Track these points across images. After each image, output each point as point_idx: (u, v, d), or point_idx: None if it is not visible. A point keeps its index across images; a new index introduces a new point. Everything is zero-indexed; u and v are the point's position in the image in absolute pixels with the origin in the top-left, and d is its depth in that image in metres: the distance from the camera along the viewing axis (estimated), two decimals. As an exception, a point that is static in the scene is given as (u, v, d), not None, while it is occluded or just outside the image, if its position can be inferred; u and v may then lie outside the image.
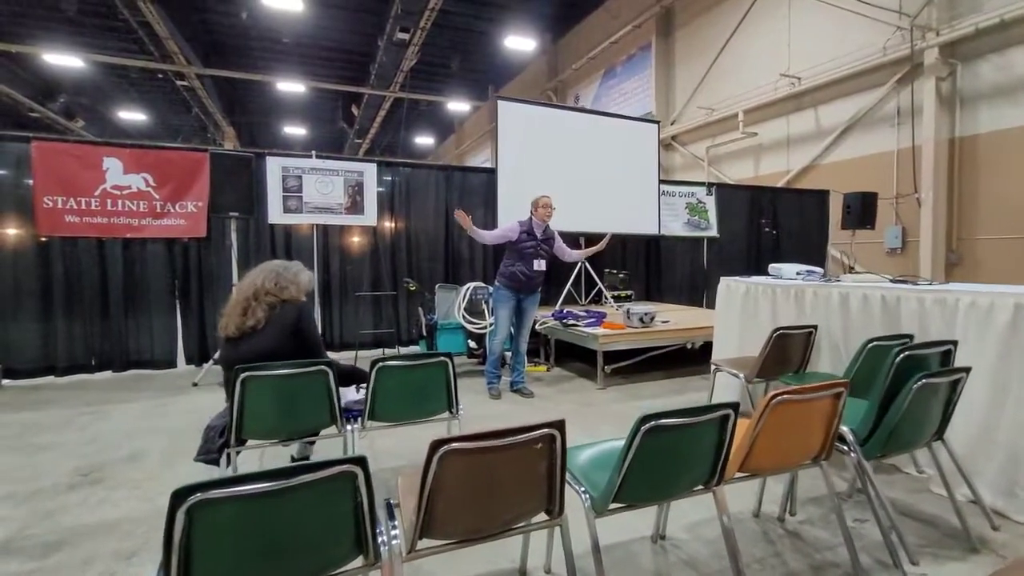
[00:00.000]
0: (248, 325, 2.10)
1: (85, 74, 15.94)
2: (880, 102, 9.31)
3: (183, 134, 21.10)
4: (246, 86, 17.50)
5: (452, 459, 1.28)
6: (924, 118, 8.60)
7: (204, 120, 19.13)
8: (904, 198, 8.96)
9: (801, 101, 10.55)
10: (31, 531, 2.21)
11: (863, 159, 9.58)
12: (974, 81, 8.27)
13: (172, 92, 17.24)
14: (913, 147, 8.83)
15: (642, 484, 1.55)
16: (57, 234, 4.64)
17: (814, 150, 10.27)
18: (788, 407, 1.67)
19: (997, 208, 7.99)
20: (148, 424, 3.58)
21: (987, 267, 8.14)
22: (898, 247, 9.17)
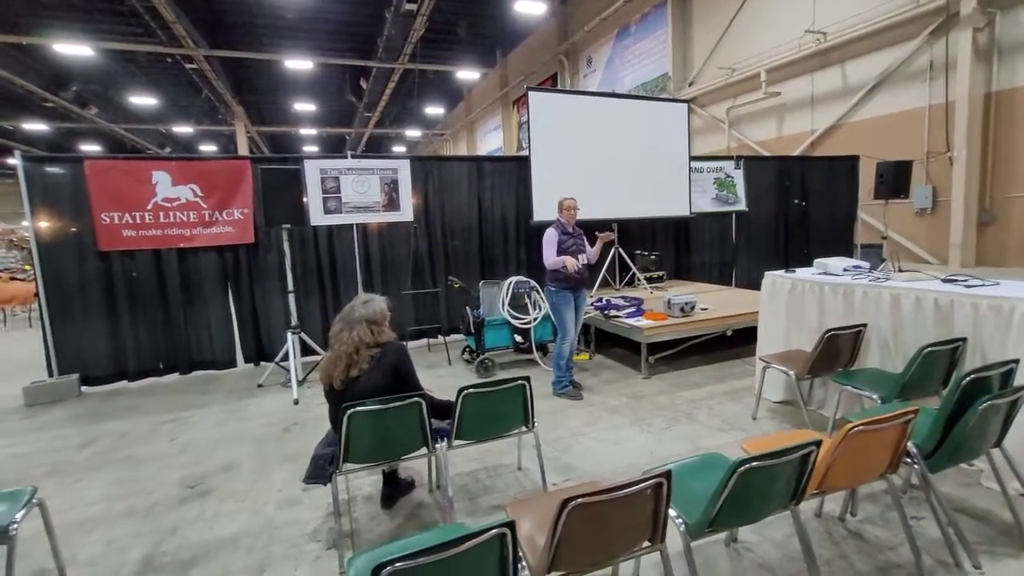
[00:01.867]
0: (353, 375, 2.28)
1: (95, 62, 15.82)
2: (912, 56, 8.95)
3: (194, 115, 21.00)
4: (254, 65, 17.22)
5: (579, 512, 1.45)
6: (959, 72, 8.27)
7: (214, 100, 18.98)
8: (936, 157, 8.74)
9: (827, 58, 10.17)
10: (165, 548, 2.47)
11: (892, 116, 9.29)
12: (1014, 30, 7.90)
13: (181, 75, 17.06)
14: (947, 103, 8.54)
15: (733, 515, 1.72)
16: (116, 248, 4.83)
17: (840, 109, 9.97)
18: (864, 436, 1.81)
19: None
20: (230, 431, 3.84)
21: (1022, 226, 8.02)
22: (928, 207, 9.02)
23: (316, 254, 5.52)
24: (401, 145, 29.47)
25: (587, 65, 16.32)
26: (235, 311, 5.29)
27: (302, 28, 15.23)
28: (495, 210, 6.15)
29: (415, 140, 28.68)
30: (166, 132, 23.02)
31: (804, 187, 7.97)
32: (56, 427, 4.06)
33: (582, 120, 6.09)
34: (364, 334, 2.31)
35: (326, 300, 5.60)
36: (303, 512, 2.72)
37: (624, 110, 6.49)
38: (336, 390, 2.31)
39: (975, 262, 8.56)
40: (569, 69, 16.83)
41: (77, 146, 23.41)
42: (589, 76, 16.33)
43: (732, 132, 12.24)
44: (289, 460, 3.31)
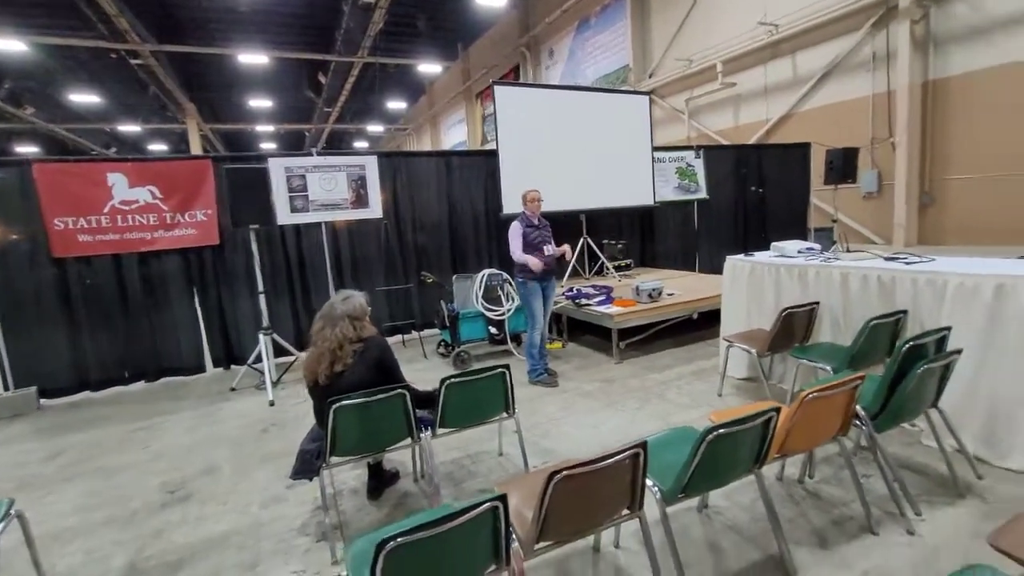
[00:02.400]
0: (337, 370, 2.32)
1: (30, 57, 14.91)
2: (856, 47, 9.44)
3: (141, 114, 20.07)
4: (205, 60, 16.60)
5: (565, 484, 1.56)
6: (898, 62, 8.77)
7: (163, 98, 18.22)
8: (880, 143, 9.27)
9: (779, 49, 10.60)
10: (149, 552, 2.47)
11: (840, 105, 9.79)
12: (947, 22, 8.42)
13: (126, 71, 16.27)
14: (888, 91, 9.05)
15: (703, 480, 1.87)
16: (72, 254, 4.66)
17: (792, 98, 10.43)
18: (818, 401, 1.99)
19: (967, 148, 8.36)
20: (204, 435, 3.80)
21: (958, 206, 8.61)
22: (874, 191, 9.56)
23: (284, 254, 5.45)
24: (363, 140, 28.94)
25: (549, 57, 16.44)
26: (202, 315, 5.18)
27: (255, 21, 14.77)
28: (465, 204, 6.21)
29: (377, 135, 28.23)
30: (111, 131, 21.91)
31: (760, 174, 8.33)
32: (18, 442, 3.92)
33: (548, 113, 6.20)
34: (347, 330, 2.36)
35: (296, 300, 5.54)
36: (289, 509, 2.75)
37: (588, 103, 6.63)
38: (321, 385, 2.36)
39: (917, 241, 9.15)
40: (531, 61, 16.91)
41: (12, 148, 22.03)
42: (551, 68, 16.46)
43: (692, 122, 12.61)
44: (270, 460, 3.32)
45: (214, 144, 24.67)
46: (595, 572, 2.13)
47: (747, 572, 2.05)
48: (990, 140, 8.16)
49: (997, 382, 2.56)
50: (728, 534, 2.28)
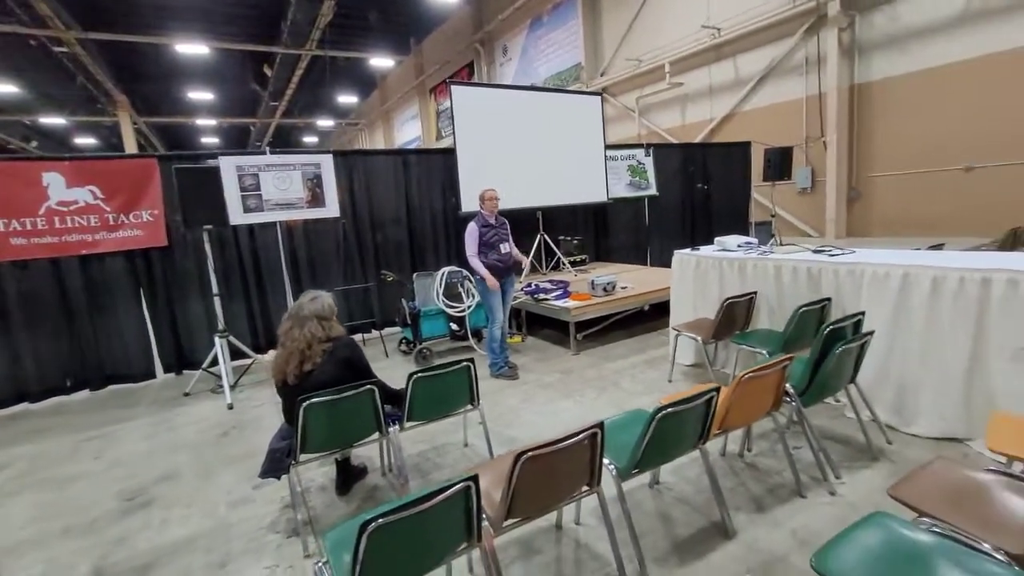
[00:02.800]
0: (307, 369, 2.39)
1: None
2: (791, 52, 10.09)
3: (67, 106, 18.73)
4: (139, 50, 15.67)
5: (531, 463, 1.72)
6: (828, 66, 9.45)
7: (91, 89, 17.08)
8: (813, 142, 9.97)
9: (721, 51, 11.17)
10: (114, 559, 2.45)
11: (777, 106, 10.45)
12: (869, 31, 9.15)
13: (48, 60, 15.14)
14: (820, 94, 9.74)
15: (654, 455, 2.08)
16: (5, 258, 4.41)
17: (734, 99, 11.04)
18: (753, 381, 2.24)
19: (888, 148, 9.14)
20: (160, 442, 3.73)
21: (881, 200, 9.40)
22: (808, 187, 10.28)
23: (238, 254, 5.35)
24: (312, 135, 28.12)
25: (503, 54, 16.55)
26: (150, 319, 5.02)
27: (193, 8, 14.06)
28: (423, 202, 6.26)
29: (327, 130, 27.49)
30: (32, 124, 20.33)
31: (706, 172, 8.78)
32: (-49, 458, 3.71)
33: (504, 113, 6.34)
34: (315, 329, 2.43)
35: (252, 302, 5.45)
36: (257, 509, 2.78)
37: (544, 102, 6.82)
38: (290, 385, 2.41)
39: (846, 233, 9.93)
40: (485, 58, 16.97)
41: (-87, 141, 20.06)
42: (505, 65, 16.58)
43: (642, 120, 13.08)
44: (233, 463, 3.31)
45: (149, 139, 23.33)
46: (558, 547, 2.31)
47: (694, 537, 2.29)
48: (906, 140, 8.96)
49: (904, 359, 2.93)
50: (677, 505, 2.52)
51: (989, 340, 2.62)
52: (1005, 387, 2.57)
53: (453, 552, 1.73)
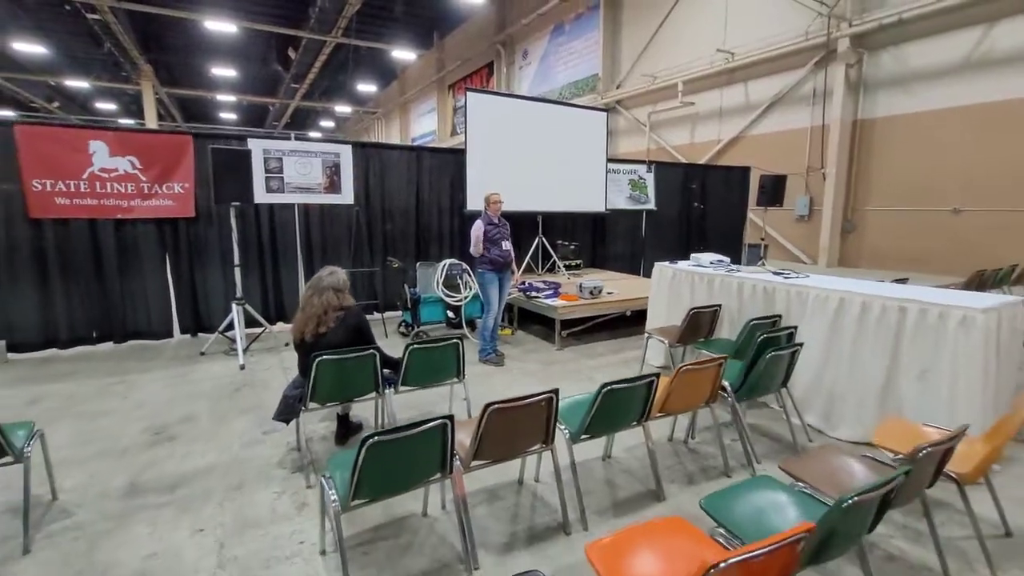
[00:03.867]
0: (321, 331, 2.90)
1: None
2: (800, 82, 10.59)
3: (92, 70, 19.33)
4: (167, 21, 16.19)
5: (496, 415, 2.21)
6: (834, 100, 9.95)
7: (117, 55, 17.65)
8: (814, 171, 10.45)
9: (734, 76, 11.67)
10: (145, 477, 2.96)
11: (783, 134, 10.95)
12: (876, 70, 9.64)
13: (79, 24, 15.70)
14: (823, 126, 10.22)
15: (600, 424, 2.58)
16: (48, 216, 4.94)
17: (742, 122, 11.53)
18: (691, 373, 2.73)
19: (884, 183, 9.62)
20: (180, 391, 4.24)
21: (873, 233, 9.88)
22: (805, 215, 10.77)
23: (257, 231, 5.87)
24: (330, 120, 28.71)
25: (523, 57, 17.06)
26: (173, 283, 5.55)
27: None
28: (432, 197, 6.78)
29: (344, 116, 28.07)
30: (55, 85, 20.95)
31: (704, 192, 9.27)
32: (-7, 389, 4.23)
33: (515, 120, 6.85)
34: (331, 299, 2.94)
35: (266, 275, 5.97)
36: (266, 450, 3.29)
37: (553, 114, 7.33)
38: (307, 343, 2.92)
39: (838, 263, 10.40)
40: (505, 59, 17.49)
41: (-61, 92, 20.68)
42: (525, 68, 17.09)
43: (652, 135, 13.57)
44: (245, 413, 3.83)
45: (169, 109, 23.95)
46: (518, 497, 2.81)
47: (631, 499, 2.78)
48: (901, 178, 9.44)
49: (835, 372, 3.42)
50: (622, 475, 3.02)
51: (901, 360, 3.11)
52: (911, 401, 3.05)
53: (429, 478, 2.23)
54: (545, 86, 16.17)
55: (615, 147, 14.89)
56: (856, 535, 1.76)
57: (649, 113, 13.48)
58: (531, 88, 16.70)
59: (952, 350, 2.87)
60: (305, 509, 2.67)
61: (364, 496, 2.04)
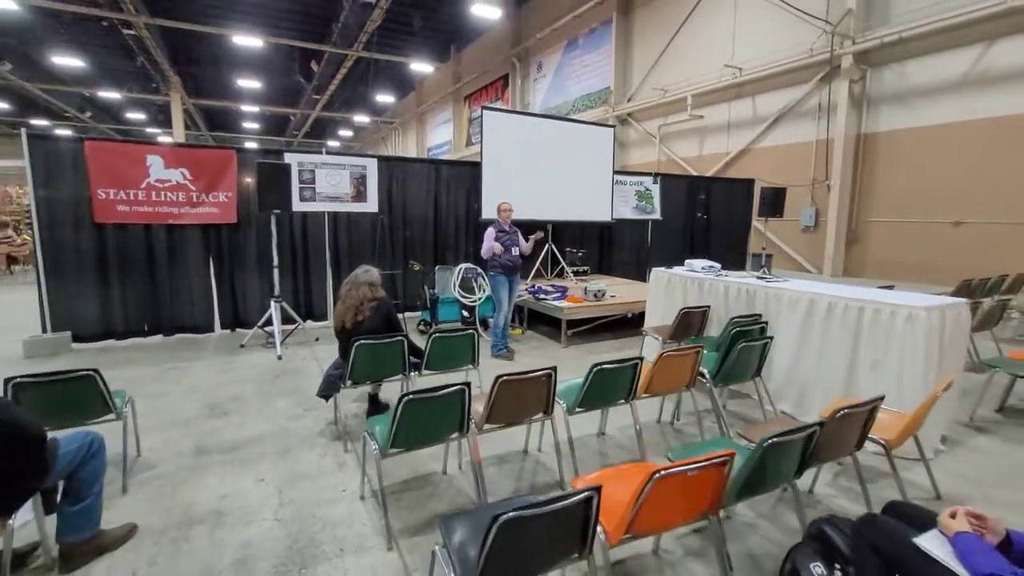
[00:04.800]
0: (358, 320, 3.50)
1: (12, 15, 15.23)
2: (805, 97, 11.06)
3: (125, 82, 20.46)
4: (196, 35, 17.19)
5: (504, 385, 2.78)
6: (837, 115, 10.39)
7: (149, 69, 18.70)
8: (820, 184, 10.87)
9: (741, 90, 12.18)
10: (208, 443, 3.57)
11: (789, 146, 11.41)
12: (879, 86, 10.09)
13: (115, 39, 16.76)
14: (827, 139, 10.65)
15: (593, 398, 3.12)
16: (110, 221, 5.64)
17: (750, 135, 12.02)
18: (671, 359, 3.27)
19: (888, 195, 10.03)
20: (227, 377, 4.87)
21: (877, 244, 10.28)
22: (811, 225, 11.19)
23: (291, 236, 6.53)
24: (348, 129, 29.71)
25: (537, 70, 17.74)
26: (215, 282, 6.22)
27: (253, 2, 15.51)
28: (449, 206, 7.41)
29: (362, 126, 29.06)
30: (89, 96, 22.15)
31: (709, 203, 9.78)
32: (65, 372, 4.88)
33: (527, 136, 7.46)
34: (367, 292, 3.54)
35: (297, 276, 6.62)
36: (308, 423, 3.89)
37: (562, 130, 7.93)
38: (347, 329, 3.52)
39: (843, 272, 10.80)
40: (520, 72, 18.19)
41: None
42: (539, 80, 17.77)
43: (662, 147, 14.10)
44: (286, 394, 4.43)
45: (195, 119, 25.09)
46: (523, 463, 3.36)
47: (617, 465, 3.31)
48: (904, 190, 9.84)
49: (807, 364, 3.92)
50: (613, 448, 3.55)
51: (860, 353, 3.60)
52: (867, 389, 3.54)
53: (450, 436, 2.79)
54: (558, 98, 16.82)
55: (626, 158, 15.45)
56: (785, 474, 2.28)
57: (659, 126, 14.01)
58: (545, 100, 17.36)
59: (900, 343, 3.36)
60: (344, 467, 3.25)
61: (399, 445, 2.61)
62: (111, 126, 25.28)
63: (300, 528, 2.62)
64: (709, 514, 2.11)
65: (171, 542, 2.50)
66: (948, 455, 3.46)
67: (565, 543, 1.78)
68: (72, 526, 2.29)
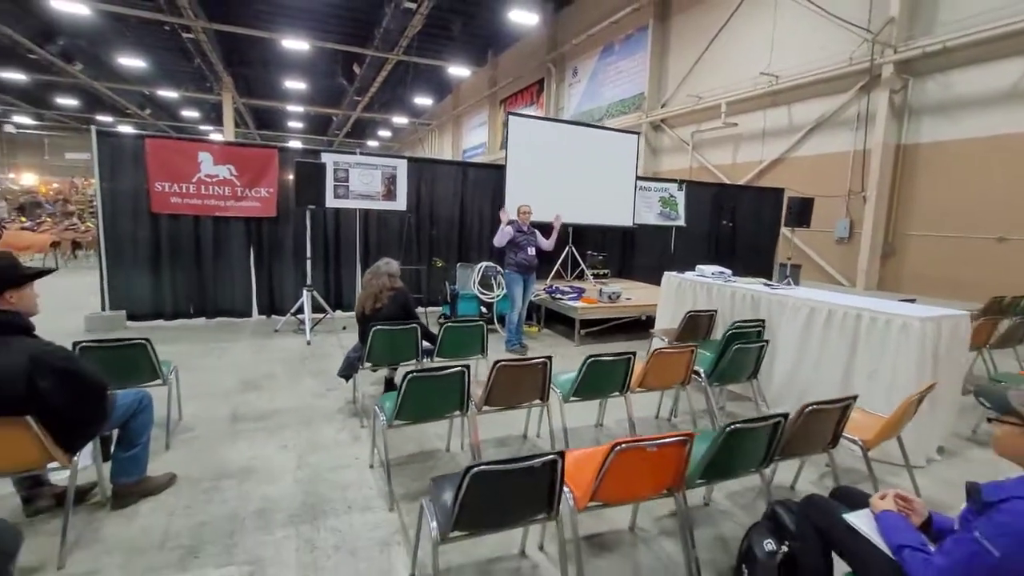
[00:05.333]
0: (376, 307, 3.85)
1: (87, 19, 16.49)
2: (843, 106, 10.91)
3: (181, 82, 21.78)
4: (249, 38, 18.17)
5: (502, 370, 3.06)
6: (876, 125, 10.22)
7: (204, 70, 19.85)
8: (856, 195, 10.70)
9: (777, 98, 12.08)
10: (242, 411, 3.98)
11: (825, 156, 11.27)
12: (921, 96, 9.88)
13: (175, 42, 17.91)
14: (864, 150, 10.47)
15: (587, 388, 3.37)
16: (164, 212, 6.21)
17: (785, 144, 11.91)
18: (665, 356, 3.48)
19: (927, 209, 9.81)
20: (261, 357, 5.33)
21: (915, 258, 10.06)
22: (845, 237, 11.02)
23: (324, 231, 6.99)
24: (387, 130, 30.63)
25: (573, 75, 17.98)
26: (254, 271, 6.73)
27: (302, 8, 16.33)
28: (474, 207, 7.76)
29: (401, 126, 29.91)
30: (149, 94, 23.67)
31: (736, 211, 9.80)
32: (120, 346, 5.44)
33: (552, 141, 7.74)
34: (386, 281, 3.89)
35: (329, 269, 7.09)
36: (329, 401, 4.26)
37: (587, 135, 8.16)
38: (366, 315, 3.87)
39: (877, 286, 10.58)
40: (556, 77, 18.45)
41: (52, 99, 23.82)
42: (574, 85, 17.99)
43: (695, 154, 14.09)
44: (313, 375, 4.84)
45: (244, 117, 26.43)
46: (521, 446, 3.64)
47: (611, 454, 3.54)
48: (945, 203, 9.60)
49: (806, 371, 4.04)
50: (608, 438, 3.74)
51: (856, 359, 3.71)
52: (863, 395, 3.64)
53: (452, 412, 3.08)
54: (593, 103, 17.00)
55: (658, 165, 15.48)
56: (752, 461, 2.48)
57: (693, 132, 14.01)
58: (579, 104, 17.56)
59: (894, 352, 3.47)
60: (358, 440, 3.59)
61: (404, 418, 2.92)
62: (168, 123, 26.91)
63: (315, 488, 2.97)
64: (674, 490, 2.33)
65: (204, 491, 2.89)
66: (941, 464, 3.53)
67: (533, 502, 2.03)
68: (123, 470, 2.70)
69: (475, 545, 2.41)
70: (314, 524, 2.63)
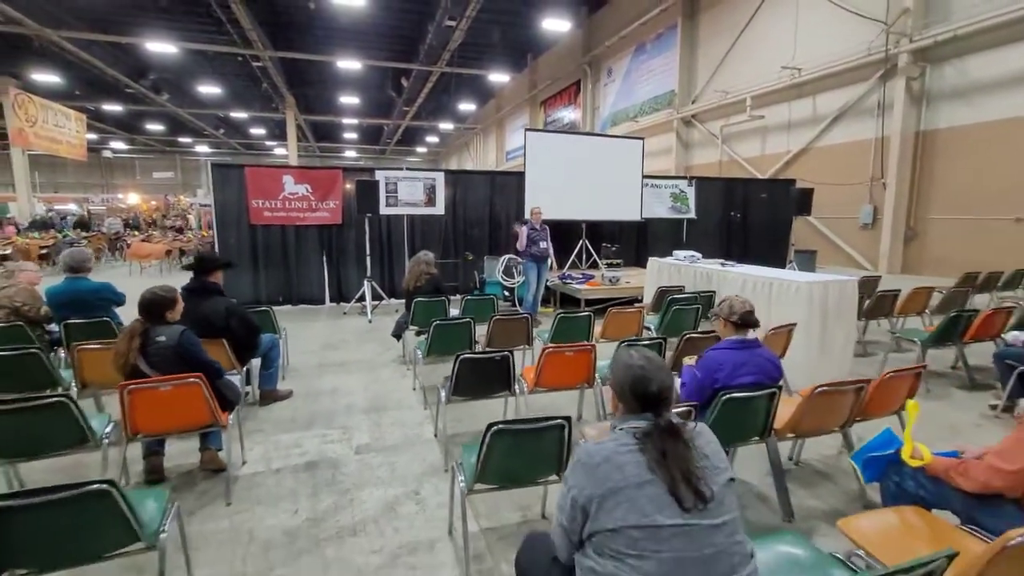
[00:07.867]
0: (417, 285, 5.68)
1: (172, 56, 19.62)
2: (865, 95, 11.78)
3: (251, 104, 24.98)
4: (307, 63, 20.85)
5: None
6: (895, 112, 11.05)
7: (270, 92, 22.81)
8: (878, 181, 11.53)
9: (802, 90, 13.05)
10: (326, 361, 5.94)
11: (849, 144, 12.16)
12: (939, 82, 10.66)
13: (246, 70, 20.86)
14: (883, 137, 11.29)
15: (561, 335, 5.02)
16: (259, 223, 8.39)
17: (810, 134, 12.87)
18: (619, 315, 5.07)
19: (947, 192, 10.59)
20: (336, 330, 7.34)
21: (936, 241, 10.85)
22: (869, 223, 11.88)
23: (379, 233, 8.98)
24: (434, 136, 33.07)
25: (607, 75, 19.39)
26: (326, 267, 8.82)
27: (354, 31, 18.71)
28: (500, 209, 9.53)
29: (447, 132, 32.23)
30: (223, 116, 27.18)
31: (747, 203, 11.02)
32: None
33: (567, 150, 9.37)
34: (424, 268, 5.72)
35: (383, 263, 9.08)
36: (386, 357, 6.15)
37: (596, 143, 9.73)
38: (410, 291, 5.72)
39: (900, 269, 11.39)
40: (591, 78, 19.93)
41: (142, 125, 27.83)
42: (609, 85, 19.40)
43: (724, 147, 15.17)
44: (373, 341, 6.77)
45: (305, 132, 29.64)
46: (519, 381, 5.33)
47: (582, 385, 5.17)
48: (964, 187, 10.31)
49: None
50: (584, 377, 5.40)
51: (772, 315, 5.13)
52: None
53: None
54: (627, 101, 18.34)
55: (690, 159, 16.64)
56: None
57: (722, 126, 15.09)
58: (614, 103, 18.95)
59: (791, 306, 4.88)
60: (404, 379, 5.42)
61: (433, 353, 4.68)
62: (239, 140, 30.61)
63: (377, 398, 4.83)
64: (583, 385, 3.95)
65: (309, 400, 4.80)
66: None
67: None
68: (265, 380, 4.65)
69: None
70: (378, 413, 4.46)
